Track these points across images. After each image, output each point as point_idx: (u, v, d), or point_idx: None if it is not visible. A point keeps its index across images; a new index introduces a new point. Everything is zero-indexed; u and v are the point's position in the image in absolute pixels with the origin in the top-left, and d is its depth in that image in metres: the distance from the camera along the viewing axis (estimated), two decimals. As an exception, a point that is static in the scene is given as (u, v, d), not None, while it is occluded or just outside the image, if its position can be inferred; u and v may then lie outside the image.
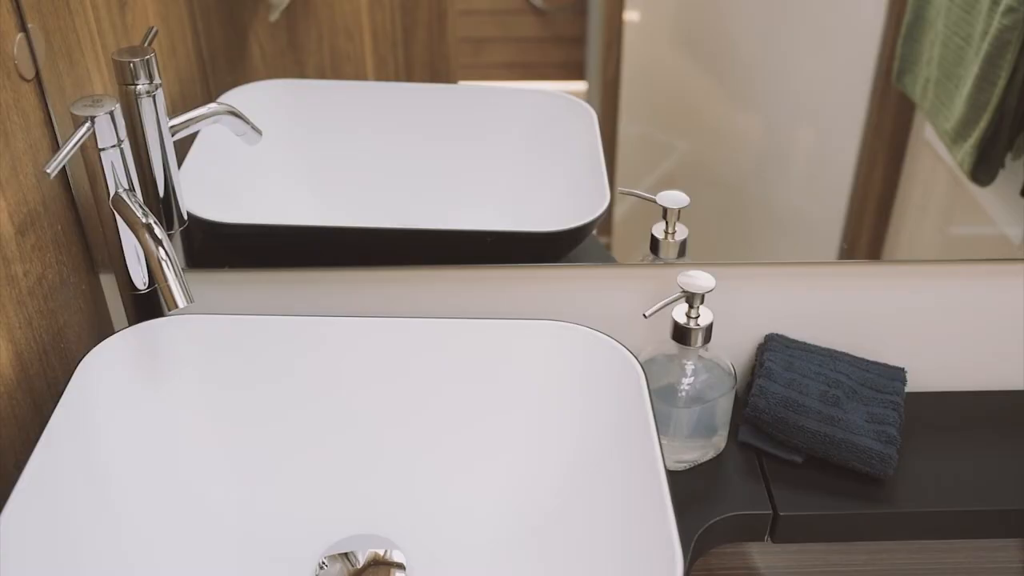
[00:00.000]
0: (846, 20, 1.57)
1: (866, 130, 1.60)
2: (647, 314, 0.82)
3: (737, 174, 2.06)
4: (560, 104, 1.06)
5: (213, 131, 0.91)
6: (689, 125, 2.23)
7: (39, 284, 0.75)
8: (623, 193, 0.92)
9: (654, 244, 0.93)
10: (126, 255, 0.78)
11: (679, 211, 0.93)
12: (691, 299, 0.83)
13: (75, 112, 0.70)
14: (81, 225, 0.83)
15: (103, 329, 0.88)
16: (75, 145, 0.69)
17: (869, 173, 1.63)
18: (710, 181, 2.19)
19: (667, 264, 0.92)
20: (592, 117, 1.04)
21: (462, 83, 1.29)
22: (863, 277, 0.96)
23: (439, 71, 1.52)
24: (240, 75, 1.16)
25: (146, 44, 0.82)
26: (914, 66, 1.42)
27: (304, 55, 1.29)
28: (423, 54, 1.51)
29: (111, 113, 0.71)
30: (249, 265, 0.91)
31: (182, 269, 0.70)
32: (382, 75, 1.43)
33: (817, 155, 1.72)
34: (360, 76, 1.39)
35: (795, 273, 0.94)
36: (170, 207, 0.84)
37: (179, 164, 0.87)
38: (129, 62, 0.77)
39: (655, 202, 0.92)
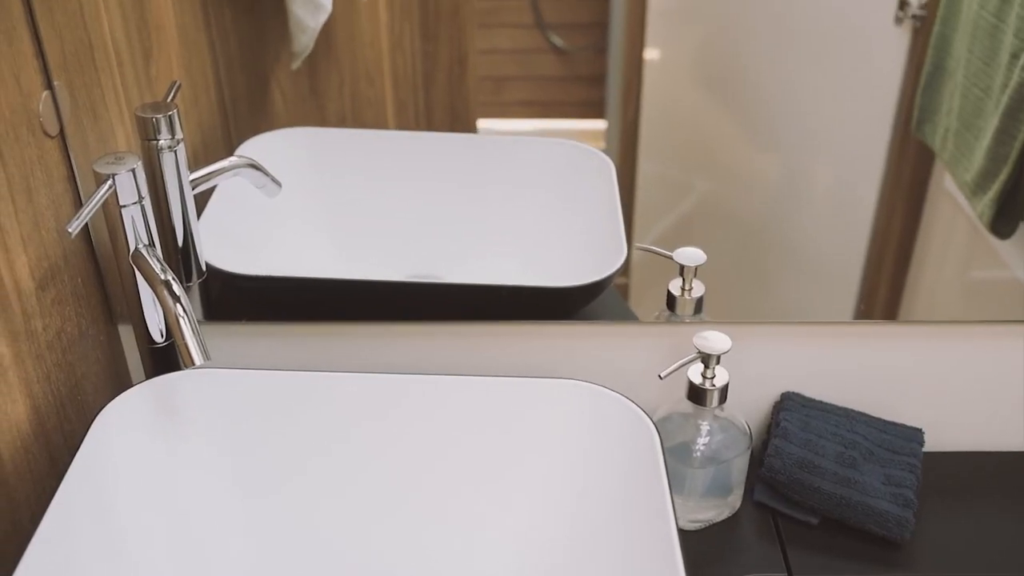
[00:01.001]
0: (866, 66, 1.57)
1: (885, 176, 1.60)
2: (663, 375, 0.81)
3: (756, 215, 2.06)
4: (578, 154, 1.06)
5: (233, 181, 0.92)
6: (708, 165, 2.23)
7: (58, 338, 0.75)
8: (640, 249, 0.92)
9: (671, 301, 0.92)
10: (144, 309, 0.78)
11: (696, 268, 0.92)
12: (707, 360, 0.83)
13: (97, 170, 0.71)
14: (101, 276, 0.84)
15: (121, 380, 0.88)
16: (97, 204, 0.69)
17: (888, 220, 1.62)
18: (728, 222, 2.19)
19: (683, 323, 0.92)
20: (610, 168, 1.04)
21: (481, 130, 1.30)
22: (881, 337, 0.95)
23: (459, 114, 1.53)
24: (262, 121, 1.17)
25: (169, 99, 0.83)
26: (934, 116, 1.42)
27: (325, 100, 1.30)
28: (443, 98, 1.52)
29: (133, 171, 0.72)
30: (266, 316, 0.92)
31: (200, 321, 0.71)
32: (402, 118, 1.45)
33: (836, 198, 1.72)
34: (380, 120, 1.40)
35: (812, 332, 0.94)
36: (189, 260, 0.85)
37: (199, 212, 0.88)
38: (152, 118, 0.78)
39: (672, 259, 0.91)
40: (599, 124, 2.66)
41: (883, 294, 1.67)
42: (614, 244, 0.94)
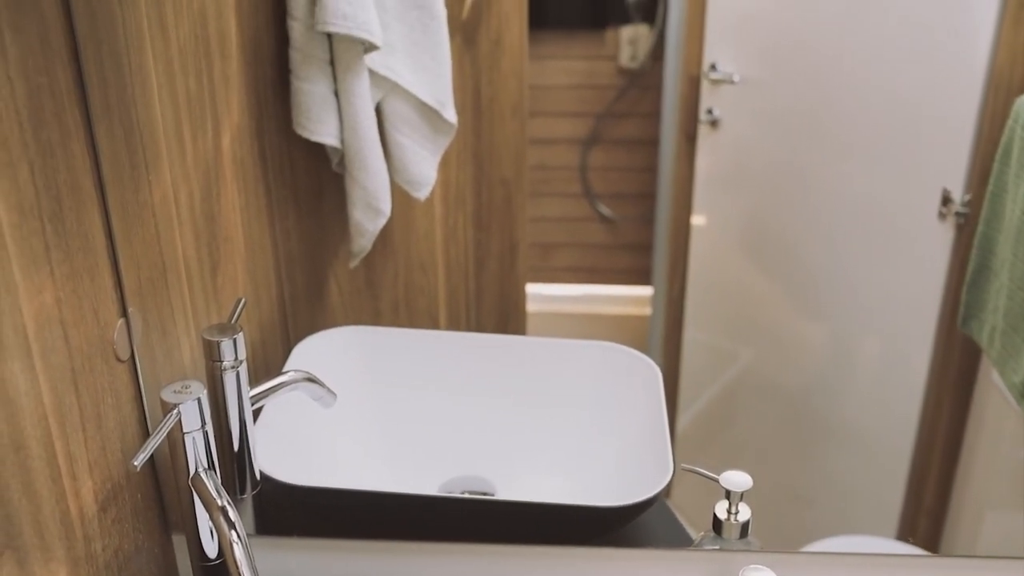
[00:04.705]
0: (911, 256, 1.60)
1: (932, 365, 1.60)
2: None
3: (801, 387, 2.06)
4: (627, 360, 1.08)
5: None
6: (753, 334, 2.25)
7: (115, 556, 0.77)
8: (685, 470, 0.93)
9: (716, 524, 0.92)
10: (199, 527, 0.80)
11: (742, 493, 0.93)
12: (754, 593, 0.82)
13: (164, 398, 0.74)
14: (159, 489, 0.86)
15: (171, 589, 0.90)
16: (162, 434, 0.72)
17: (936, 408, 1.61)
18: (773, 393, 2.19)
19: (729, 550, 0.92)
20: (656, 375, 1.06)
21: (529, 296, 1.33)
22: (930, 569, 0.94)
23: (509, 299, 1.57)
24: (319, 314, 1.21)
25: (235, 318, 0.87)
26: (980, 313, 1.43)
27: (380, 291, 1.34)
28: (493, 285, 1.56)
29: (198, 400, 0.75)
30: (314, 518, 0.93)
31: (250, 535, 0.73)
32: (453, 304, 1.49)
33: (884, 376, 1.72)
34: (432, 307, 1.44)
35: (855, 563, 0.93)
36: (244, 472, 0.87)
37: (255, 416, 0.91)
38: (218, 341, 0.81)
39: (718, 482, 0.92)
40: (645, 291, 2.70)
41: (932, 484, 1.65)
42: (660, 461, 0.95)
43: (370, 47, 1.03)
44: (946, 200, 1.49)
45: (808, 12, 1.73)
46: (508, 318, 1.72)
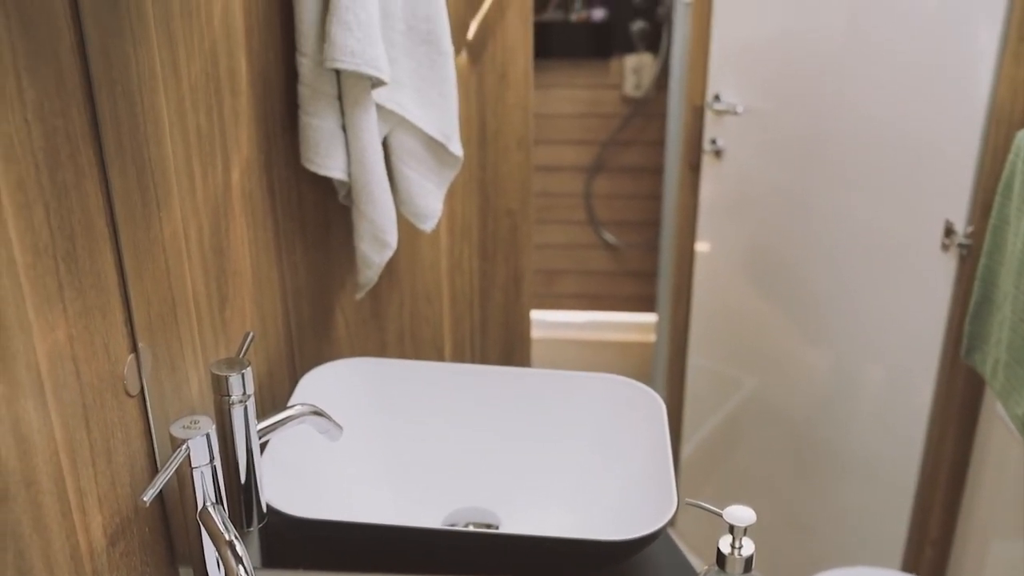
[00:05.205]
0: (914, 285, 1.60)
1: (936, 395, 1.60)
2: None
3: (805, 414, 2.06)
4: (631, 393, 1.09)
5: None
6: (757, 360, 2.25)
7: (123, 589, 0.78)
8: (689, 504, 0.94)
9: (720, 559, 0.93)
10: (207, 561, 0.81)
11: (745, 528, 0.93)
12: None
13: (174, 434, 0.75)
14: (167, 521, 0.87)
15: (178, 622, 0.90)
16: (171, 470, 0.73)
17: (940, 439, 1.61)
18: (777, 420, 2.18)
19: (733, 585, 0.92)
20: (660, 407, 1.06)
21: (534, 322, 1.34)
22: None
23: (513, 328, 1.58)
24: (325, 344, 1.22)
25: (243, 352, 0.88)
26: (983, 345, 1.43)
27: (385, 322, 1.35)
28: (498, 314, 1.57)
29: (207, 435, 0.76)
30: (318, 555, 0.94)
31: (256, 568, 0.73)
32: (458, 333, 1.49)
33: (887, 405, 1.72)
34: (437, 336, 1.45)
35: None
36: (251, 505, 0.88)
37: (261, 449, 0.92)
38: (226, 376, 0.82)
39: (721, 516, 0.92)
40: (650, 318, 2.72)
41: (937, 515, 1.65)
42: (664, 494, 0.95)
43: (378, 83, 1.05)
44: (949, 231, 1.50)
45: (811, 45, 1.75)
46: (513, 347, 1.73)
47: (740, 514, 0.93)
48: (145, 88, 0.78)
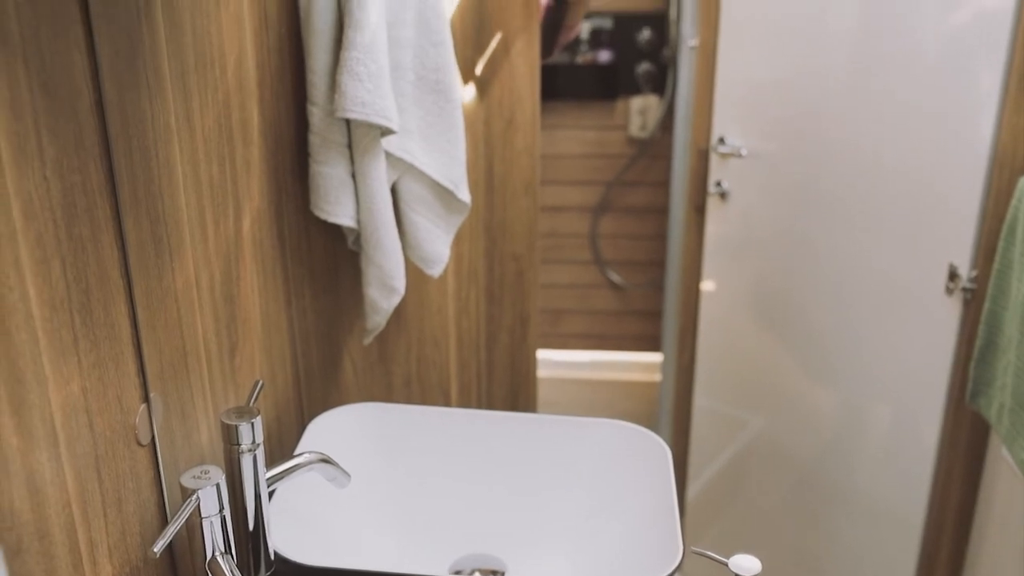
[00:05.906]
0: (918, 328, 1.61)
1: (942, 438, 1.60)
2: None
3: (811, 456, 2.05)
4: (637, 439, 1.09)
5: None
6: (762, 402, 2.25)
7: (131, 639, 0.78)
8: (695, 553, 0.94)
9: (727, 608, 0.93)
10: (215, 610, 0.81)
11: (752, 577, 0.93)
12: None
13: (184, 484, 0.76)
14: (175, 571, 0.87)
15: (184, 669, 0.90)
16: (181, 520, 0.74)
17: (947, 483, 1.61)
18: (783, 462, 2.18)
19: (740, 635, 0.92)
20: (666, 453, 1.07)
21: (540, 361, 1.34)
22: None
23: (519, 371, 1.59)
24: (332, 389, 1.23)
25: (252, 400, 0.88)
26: (988, 389, 1.43)
27: (392, 366, 1.36)
28: (505, 357, 1.57)
29: (217, 485, 0.77)
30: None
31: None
32: (464, 377, 1.50)
33: (894, 446, 1.72)
34: (443, 379, 1.45)
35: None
36: (259, 552, 0.88)
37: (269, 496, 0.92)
38: (236, 425, 0.83)
39: (727, 566, 0.92)
40: (655, 357, 2.72)
41: (944, 558, 1.64)
42: (669, 542, 0.95)
43: (387, 131, 1.06)
44: (953, 275, 1.51)
45: (816, 89, 1.77)
46: (519, 390, 1.74)
47: (745, 563, 0.94)
48: (160, 141, 0.79)
